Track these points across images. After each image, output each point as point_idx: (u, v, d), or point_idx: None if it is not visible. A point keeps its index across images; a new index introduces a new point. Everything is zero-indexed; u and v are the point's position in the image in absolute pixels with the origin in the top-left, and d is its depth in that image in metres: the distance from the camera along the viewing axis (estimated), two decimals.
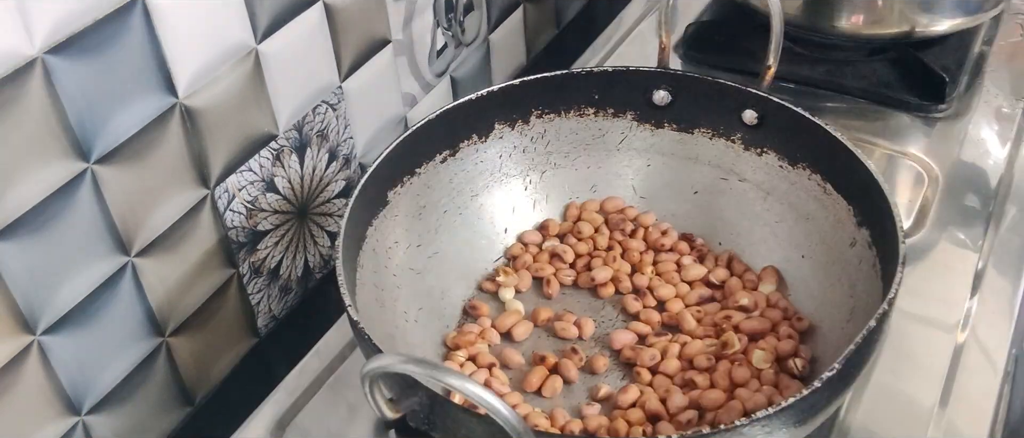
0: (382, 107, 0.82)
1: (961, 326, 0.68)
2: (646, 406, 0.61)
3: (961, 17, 0.88)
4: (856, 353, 0.52)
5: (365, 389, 0.49)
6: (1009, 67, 0.93)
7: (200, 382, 0.71)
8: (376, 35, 0.78)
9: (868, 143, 0.85)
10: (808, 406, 0.50)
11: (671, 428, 0.60)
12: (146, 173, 0.61)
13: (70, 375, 0.60)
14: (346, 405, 0.67)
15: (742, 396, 0.61)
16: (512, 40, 0.99)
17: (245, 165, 0.69)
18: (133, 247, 0.62)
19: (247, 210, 0.70)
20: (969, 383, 0.64)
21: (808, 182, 0.69)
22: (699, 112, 0.73)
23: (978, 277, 0.72)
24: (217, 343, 0.72)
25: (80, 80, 0.55)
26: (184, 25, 0.60)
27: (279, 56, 0.68)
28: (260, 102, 0.68)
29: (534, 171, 0.76)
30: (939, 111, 0.88)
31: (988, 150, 0.84)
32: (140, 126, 0.60)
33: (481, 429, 0.49)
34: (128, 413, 0.65)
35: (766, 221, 0.72)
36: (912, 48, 0.91)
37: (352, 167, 0.80)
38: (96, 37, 0.55)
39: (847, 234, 0.65)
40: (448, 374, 0.44)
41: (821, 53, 0.93)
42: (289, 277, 0.77)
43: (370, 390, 0.49)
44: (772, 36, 0.69)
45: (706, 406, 0.61)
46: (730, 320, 0.66)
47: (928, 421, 0.62)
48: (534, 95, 0.74)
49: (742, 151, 0.73)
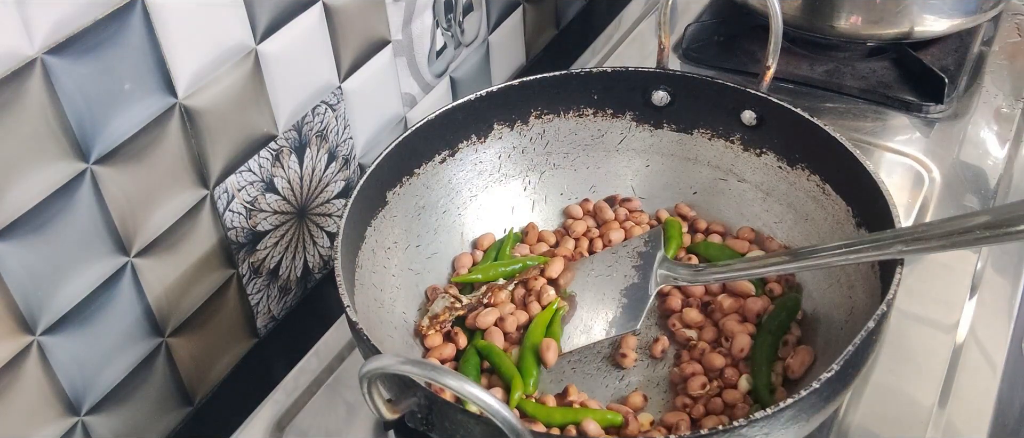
0: (381, 107, 0.82)
1: (960, 326, 0.68)
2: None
3: (960, 17, 0.88)
4: (855, 354, 0.52)
5: (363, 390, 0.49)
6: (1008, 67, 0.93)
7: (199, 382, 0.71)
8: (375, 36, 0.78)
9: (867, 143, 0.85)
10: (807, 406, 0.50)
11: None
12: (146, 173, 0.61)
13: (69, 375, 0.60)
14: (345, 405, 0.67)
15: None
16: (512, 40, 0.99)
17: (245, 165, 0.69)
18: (133, 247, 0.62)
19: (246, 210, 0.70)
20: (968, 383, 0.64)
21: (807, 183, 0.69)
22: (698, 113, 0.73)
23: (977, 277, 0.72)
24: (216, 343, 0.72)
25: (80, 80, 0.55)
26: (184, 25, 0.60)
27: (279, 56, 0.68)
28: (260, 102, 0.68)
29: (533, 172, 0.76)
30: (938, 111, 0.88)
31: (987, 150, 0.84)
32: (140, 126, 0.60)
33: (479, 430, 0.49)
34: (128, 413, 0.65)
35: (765, 221, 0.72)
36: (911, 48, 0.91)
37: (351, 167, 0.80)
38: (96, 37, 0.55)
39: (846, 234, 0.65)
40: (446, 375, 0.44)
41: (820, 53, 0.94)
42: (288, 277, 0.77)
43: (368, 391, 0.49)
44: (771, 36, 0.69)
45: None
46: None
47: (927, 421, 0.62)
48: (533, 96, 0.74)
49: (741, 151, 0.73)
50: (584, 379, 0.65)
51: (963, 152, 0.84)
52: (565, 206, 0.77)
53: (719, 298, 0.68)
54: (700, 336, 0.66)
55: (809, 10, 0.89)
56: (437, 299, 0.69)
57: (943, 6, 0.87)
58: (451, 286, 0.70)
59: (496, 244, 0.74)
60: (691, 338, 0.66)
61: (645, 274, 0.67)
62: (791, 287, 0.68)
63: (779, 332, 0.65)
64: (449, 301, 0.68)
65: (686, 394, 0.62)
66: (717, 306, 0.68)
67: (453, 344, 0.66)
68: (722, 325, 0.66)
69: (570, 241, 0.73)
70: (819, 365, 0.62)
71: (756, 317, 0.66)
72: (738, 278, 0.66)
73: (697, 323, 0.67)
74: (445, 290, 0.70)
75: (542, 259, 0.71)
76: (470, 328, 0.67)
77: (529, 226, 0.75)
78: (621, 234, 0.73)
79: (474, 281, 0.71)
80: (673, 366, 0.65)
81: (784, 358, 0.63)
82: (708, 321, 0.67)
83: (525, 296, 0.69)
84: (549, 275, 0.70)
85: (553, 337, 0.65)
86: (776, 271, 0.64)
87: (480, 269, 0.71)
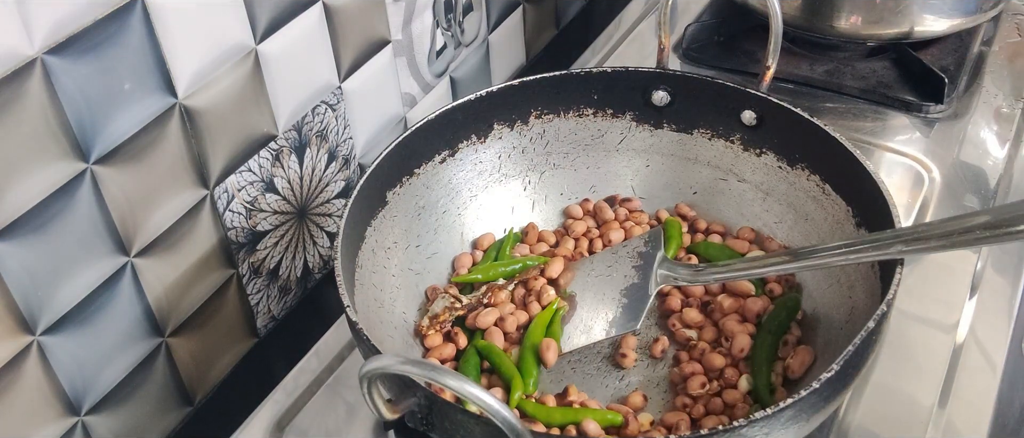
0: (381, 107, 0.82)
1: (960, 326, 0.68)
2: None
3: (960, 17, 0.88)
4: (855, 354, 0.52)
5: (363, 390, 0.49)
6: (1008, 67, 0.93)
7: (199, 382, 0.71)
8: (375, 35, 0.78)
9: (867, 143, 0.85)
10: (807, 406, 0.51)
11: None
12: (145, 173, 0.61)
13: (69, 375, 0.60)
14: (345, 405, 0.67)
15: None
16: (512, 40, 0.99)
17: (244, 165, 0.69)
18: (133, 247, 0.62)
19: (246, 210, 0.70)
20: (968, 383, 0.64)
21: (807, 183, 0.69)
22: (698, 113, 0.73)
23: (977, 277, 0.72)
24: (216, 343, 0.72)
25: (80, 80, 0.55)
26: (184, 25, 0.60)
27: (279, 56, 0.68)
28: (260, 102, 0.68)
29: (533, 172, 0.76)
30: (938, 111, 0.88)
31: (987, 150, 0.84)
32: (140, 126, 0.60)
33: (479, 430, 0.49)
34: (127, 413, 0.65)
35: (765, 221, 0.72)
36: (911, 48, 0.91)
37: (351, 167, 0.80)
38: (96, 37, 0.55)
39: (846, 234, 0.65)
40: (446, 375, 0.44)
41: (820, 53, 0.94)
42: (288, 277, 0.77)
43: (368, 391, 0.49)
44: (771, 37, 0.69)
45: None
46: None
47: (927, 421, 0.62)
48: (533, 95, 0.74)
49: (741, 151, 0.73)
50: (584, 379, 0.65)
51: (963, 152, 0.84)
52: (565, 206, 0.77)
53: (719, 298, 0.68)
54: (700, 336, 0.66)
55: (809, 10, 0.89)
56: (437, 299, 0.69)
57: (943, 6, 0.87)
58: (451, 286, 0.70)
59: (496, 244, 0.74)
60: (691, 338, 0.66)
61: (645, 274, 0.67)
62: (791, 287, 0.68)
63: (779, 332, 0.65)
64: (449, 301, 0.68)
65: (686, 394, 0.62)
66: (717, 306, 0.68)
67: (453, 344, 0.66)
68: (722, 325, 0.66)
69: (570, 241, 0.73)
70: (819, 365, 0.62)
71: (756, 317, 0.66)
72: (738, 278, 0.66)
73: (697, 323, 0.67)
74: (445, 290, 0.70)
75: (542, 259, 0.71)
76: (470, 328, 0.67)
77: (529, 226, 0.75)
78: (621, 234, 0.73)
79: (474, 281, 0.71)
80: (673, 366, 0.65)
81: (784, 358, 0.63)
82: (708, 321, 0.67)
83: (525, 296, 0.69)
84: (549, 275, 0.70)
85: (553, 337, 0.65)
86: (776, 271, 0.64)
87: (480, 269, 0.71)
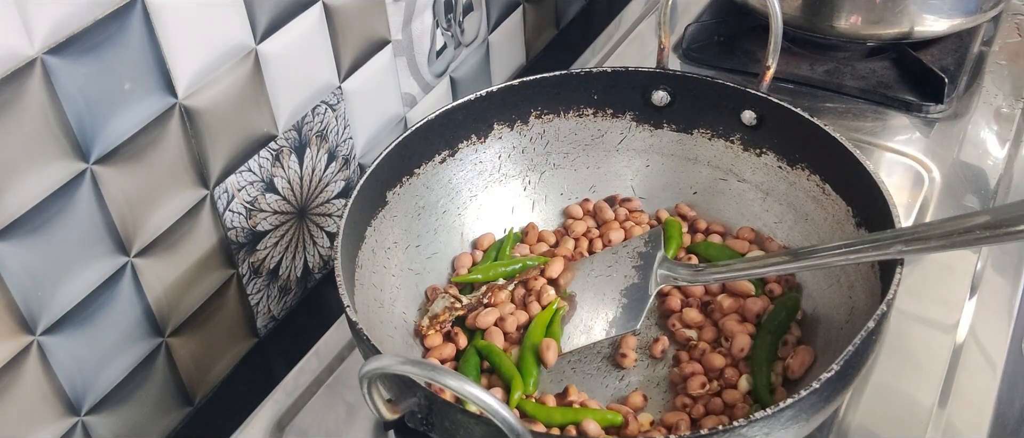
0: (381, 107, 0.82)
1: (960, 326, 0.68)
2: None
3: (960, 17, 0.88)
4: (855, 354, 0.52)
5: (363, 390, 0.49)
6: (1008, 67, 0.93)
7: (199, 382, 0.71)
8: (375, 35, 0.78)
9: (867, 143, 0.85)
10: (807, 406, 0.50)
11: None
12: (145, 173, 0.61)
13: (69, 375, 0.60)
14: (345, 405, 0.67)
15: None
16: (512, 40, 0.99)
17: (244, 165, 0.69)
18: (133, 247, 0.62)
19: (246, 210, 0.70)
20: (968, 383, 0.64)
21: (807, 183, 0.69)
22: (698, 113, 0.73)
23: (977, 277, 0.72)
24: (216, 343, 0.72)
25: (79, 80, 0.55)
26: (184, 25, 0.60)
27: (279, 56, 0.68)
28: (260, 102, 0.68)
29: (533, 172, 0.76)
30: (938, 111, 0.88)
31: (987, 150, 0.84)
32: (140, 126, 0.60)
33: (479, 430, 0.49)
34: (127, 413, 0.65)
35: (765, 221, 0.72)
36: (911, 48, 0.91)
37: (351, 167, 0.80)
38: (96, 37, 0.55)
39: (846, 234, 0.65)
40: (446, 375, 0.44)
41: (820, 53, 0.94)
42: (288, 277, 0.77)
43: (368, 391, 0.49)
44: (771, 36, 0.69)
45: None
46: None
47: (927, 421, 0.62)
48: (533, 96, 0.74)
49: (741, 151, 0.73)
50: (584, 379, 0.65)
51: (963, 152, 0.84)
52: (565, 206, 0.77)
53: (719, 298, 0.68)
54: (700, 336, 0.66)
55: (809, 10, 0.89)
56: (437, 299, 0.69)
57: (943, 6, 0.87)
58: (451, 286, 0.70)
59: (496, 244, 0.74)
60: (691, 338, 0.66)
61: (645, 274, 0.67)
62: (791, 287, 0.68)
63: (779, 332, 0.65)
64: (449, 301, 0.68)
65: (686, 394, 0.62)
66: (717, 306, 0.68)
67: (453, 344, 0.66)
68: (722, 325, 0.66)
69: (570, 241, 0.73)
70: (819, 365, 0.62)
71: (756, 317, 0.66)
72: (738, 278, 0.66)
73: (697, 323, 0.67)
74: (445, 290, 0.70)
75: (542, 259, 0.71)
76: (470, 328, 0.67)
77: (529, 226, 0.75)
78: (621, 234, 0.73)
79: (474, 281, 0.71)
80: (673, 366, 0.65)
81: (784, 358, 0.63)
82: (708, 321, 0.67)
83: (525, 296, 0.69)
84: (549, 275, 0.70)
85: (553, 337, 0.65)
86: (776, 271, 0.64)
87: (480, 269, 0.71)
